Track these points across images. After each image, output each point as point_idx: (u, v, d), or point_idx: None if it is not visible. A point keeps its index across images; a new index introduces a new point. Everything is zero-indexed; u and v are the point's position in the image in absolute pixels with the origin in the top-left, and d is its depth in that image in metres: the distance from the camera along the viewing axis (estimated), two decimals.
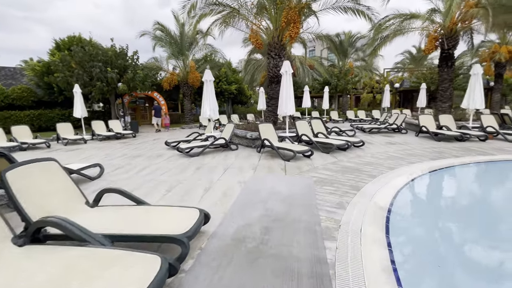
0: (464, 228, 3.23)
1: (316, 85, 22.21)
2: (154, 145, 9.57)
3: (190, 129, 16.22)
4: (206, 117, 8.32)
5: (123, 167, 5.91)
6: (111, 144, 10.19)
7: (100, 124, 12.27)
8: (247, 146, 8.30)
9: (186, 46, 17.85)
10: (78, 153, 8.20)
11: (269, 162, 5.95)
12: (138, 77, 14.06)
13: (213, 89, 8.46)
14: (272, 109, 9.27)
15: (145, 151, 8.11)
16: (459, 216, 3.55)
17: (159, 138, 11.59)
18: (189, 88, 18.70)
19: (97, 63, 12.95)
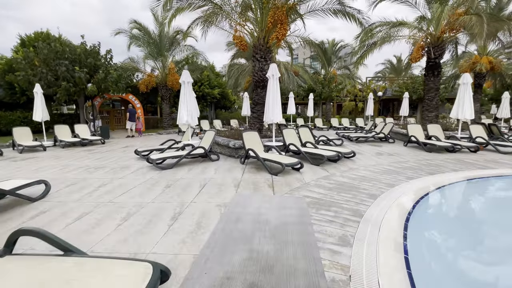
0: (495, 264, 2.65)
1: (301, 92, 21.94)
2: (123, 153, 8.50)
3: (167, 134, 15.13)
4: (183, 123, 7.45)
5: (77, 183, 4.89)
6: (74, 152, 8.97)
7: (65, 129, 10.94)
8: (229, 156, 7.52)
9: (166, 46, 16.84)
10: (31, 163, 6.99)
11: (254, 176, 5.20)
12: (111, 78, 12.86)
13: (192, 92, 7.64)
14: (257, 115, 8.58)
15: (110, 162, 7.07)
16: (491, 247, 2.99)
17: (130, 146, 10.48)
18: (168, 91, 17.62)
19: (64, 61, 11.65)
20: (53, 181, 5.05)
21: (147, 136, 14.39)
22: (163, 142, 8.80)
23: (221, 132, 9.39)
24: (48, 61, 11.65)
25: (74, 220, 3.23)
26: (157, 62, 17.11)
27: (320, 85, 20.41)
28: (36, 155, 8.21)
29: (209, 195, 4.12)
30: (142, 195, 4.16)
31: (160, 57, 16.23)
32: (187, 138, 8.31)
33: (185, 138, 8.52)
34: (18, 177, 5.41)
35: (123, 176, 5.39)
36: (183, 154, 6.35)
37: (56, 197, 4.12)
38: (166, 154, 6.48)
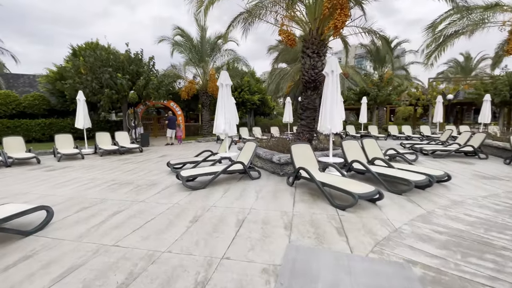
0: None
1: (352, 96, 19.67)
2: (157, 164, 7.74)
3: (206, 142, 14.44)
4: (220, 132, 6.34)
5: (92, 207, 4.00)
6: (110, 161, 8.55)
7: (105, 136, 10.83)
8: (273, 173, 6.15)
9: (207, 52, 16.42)
10: (60, 174, 6.55)
11: (311, 209, 3.73)
12: (152, 85, 12.63)
13: (231, 97, 6.51)
14: (307, 123, 7.09)
15: (140, 175, 6.25)
16: None
17: (166, 155, 9.82)
18: (208, 98, 17.13)
19: (108, 68, 11.71)
20: (69, 201, 4.27)
21: (186, 144, 13.87)
22: (198, 153, 7.84)
23: (261, 142, 8.11)
24: (94, 69, 11.83)
25: (52, 283, 2.16)
26: (198, 69, 16.78)
27: (375, 87, 17.94)
28: (71, 164, 7.91)
29: (250, 243, 2.77)
30: (159, 234, 3.00)
31: (201, 63, 15.80)
32: (224, 149, 7.19)
33: (222, 149, 7.41)
34: (35, 193, 4.79)
35: (145, 199, 4.38)
36: (218, 171, 5.17)
37: (56, 229, 3.20)
38: (199, 171, 5.37)
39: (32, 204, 3.51)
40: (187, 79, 17.11)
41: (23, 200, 4.37)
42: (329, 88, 5.14)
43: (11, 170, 7.05)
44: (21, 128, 13.54)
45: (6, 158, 7.66)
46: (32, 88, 16.74)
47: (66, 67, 12.47)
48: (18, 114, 14.04)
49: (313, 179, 4.23)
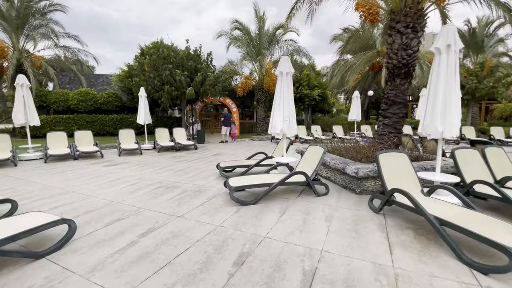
0: None
1: None
2: (208, 164, 7.10)
3: (260, 141, 13.57)
4: (277, 132, 5.20)
5: (125, 219, 3.37)
6: (164, 158, 8.36)
7: (164, 132, 10.92)
8: (344, 187, 4.74)
9: (265, 44, 15.48)
10: (113, 170, 6.44)
11: (424, 267, 2.28)
12: (209, 81, 12.34)
13: (291, 89, 5.30)
14: (393, 121, 5.37)
15: (188, 177, 5.61)
16: None
17: (220, 154, 9.23)
18: (264, 94, 16.25)
19: (168, 65, 11.84)
20: (107, 207, 3.77)
21: (239, 142, 13.26)
22: (251, 155, 6.89)
23: (325, 145, 6.70)
24: (157, 66, 12.11)
25: None
26: (254, 63, 16.01)
27: (473, 78, 14.13)
28: (128, 160, 7.93)
29: None
30: (190, 279, 2.05)
31: (258, 56, 14.94)
32: (281, 152, 6.04)
33: (278, 152, 6.27)
34: (81, 192, 4.50)
35: (186, 213, 3.57)
36: (274, 184, 4.05)
37: (74, 250, 2.57)
38: (250, 180, 4.36)
39: (65, 209, 3.02)
40: (244, 75, 16.53)
41: (64, 201, 4.07)
42: (442, 71, 3.45)
43: (76, 163, 7.34)
44: (97, 122, 15.03)
45: (74, 151, 8.12)
46: (108, 86, 18.68)
47: (133, 66, 13.18)
48: (95, 110, 15.66)
49: (422, 212, 2.71)
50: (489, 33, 18.39)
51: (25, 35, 15.40)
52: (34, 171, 6.39)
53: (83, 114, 15.01)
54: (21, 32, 15.32)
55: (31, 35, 15.13)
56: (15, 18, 14.82)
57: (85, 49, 19.74)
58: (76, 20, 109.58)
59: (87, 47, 19.47)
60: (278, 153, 6.31)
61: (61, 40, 19.79)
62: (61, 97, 15.29)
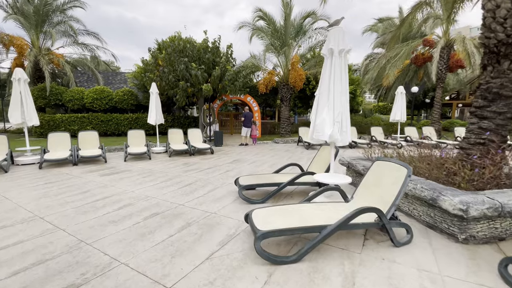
0: None
1: None
2: (224, 177, 5.64)
3: (285, 144, 11.93)
4: (323, 139, 3.58)
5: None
6: (174, 164, 7.05)
7: (178, 134, 9.69)
8: (429, 226, 3.04)
9: (291, 35, 13.79)
10: (111, 182, 5.19)
11: None
12: (228, 76, 10.95)
13: (346, 76, 3.64)
14: (496, 125, 3.54)
15: (197, 199, 4.17)
16: None
17: (239, 160, 7.76)
18: (288, 91, 14.58)
19: (184, 58, 10.61)
20: (58, 260, 2.38)
21: (261, 145, 11.74)
22: (280, 168, 5.28)
23: (396, 159, 5.00)
24: (172, 60, 10.93)
25: None
26: (279, 57, 14.38)
27: None
28: (132, 167, 6.70)
29: None
30: None
31: (284, 47, 13.25)
32: (322, 165, 4.41)
33: (318, 165, 4.63)
34: (45, 218, 3.19)
35: (181, 278, 2.10)
36: (329, 229, 2.46)
37: None
38: (287, 220, 2.77)
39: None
40: (267, 69, 14.96)
41: (14, 238, 2.77)
42: None
43: (71, 171, 6.22)
44: (112, 122, 14.25)
45: (75, 155, 7.06)
46: (125, 84, 17.99)
47: (148, 61, 12.15)
48: (110, 108, 14.91)
49: None
50: None
51: (44, 32, 15.03)
52: (19, 180, 5.31)
53: (98, 113, 14.30)
54: (41, 29, 14.98)
55: (49, 31, 14.69)
56: (34, 15, 14.46)
57: (104, 46, 19.34)
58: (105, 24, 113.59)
59: (106, 44, 19.00)
60: (318, 166, 4.69)
61: (80, 37, 19.53)
62: (76, 95, 14.71)
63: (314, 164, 4.88)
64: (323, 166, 4.55)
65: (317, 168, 4.69)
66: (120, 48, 62.00)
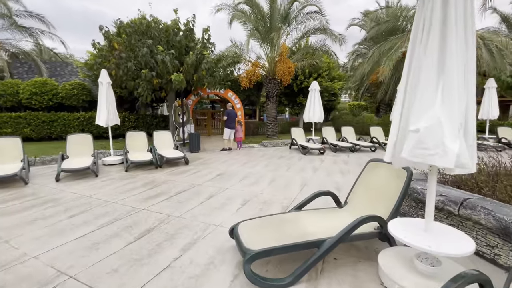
0: None
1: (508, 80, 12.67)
2: (208, 212, 3.56)
3: (275, 148, 10.05)
4: (435, 162, 1.72)
5: None
6: (132, 185, 4.81)
7: (139, 139, 7.37)
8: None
9: (277, 24, 11.88)
10: (13, 228, 2.88)
11: None
12: (206, 63, 8.78)
13: (473, 42, 1.78)
14: None
15: (156, 282, 2.08)
16: None
17: (224, 174, 5.68)
18: (275, 86, 12.72)
19: (147, 40, 8.24)
20: None
21: (248, 150, 9.74)
22: (307, 199, 3.23)
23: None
24: (133, 44, 8.47)
25: None
26: (264, 46, 12.42)
27: None
28: (62, 193, 4.35)
29: None
30: None
31: (272, 32, 11.24)
32: (380, 198, 2.57)
33: (371, 199, 2.76)
34: None
35: None
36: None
37: None
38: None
39: None
40: (250, 60, 12.93)
41: None
42: None
43: None
44: (58, 122, 11.30)
45: None
46: (76, 76, 14.86)
47: (102, 47, 9.50)
48: (56, 106, 11.90)
49: None
50: None
51: None
52: None
53: (39, 111, 11.27)
54: None
55: None
56: None
57: (51, 32, 15.99)
58: (69, 17, 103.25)
59: (55, 29, 15.71)
60: (368, 199, 2.81)
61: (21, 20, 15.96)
62: (8, 90, 11.51)
63: (361, 195, 3.01)
64: (379, 200, 2.70)
65: (368, 202, 2.84)
66: (85, 42, 55.23)
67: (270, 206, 3.78)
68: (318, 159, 7.76)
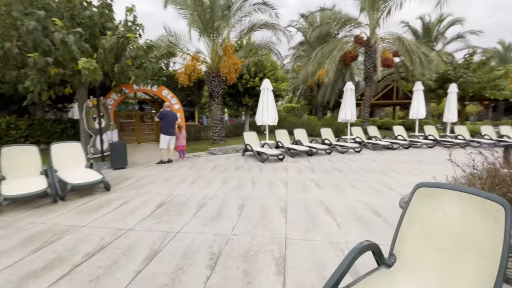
0: None
1: (429, 83, 14.24)
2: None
3: (226, 156, 8.55)
4: None
5: None
6: (4, 246, 2.62)
7: (26, 155, 4.82)
8: None
9: (219, 14, 10.39)
10: None
11: None
12: (131, 51, 6.64)
13: None
14: None
15: None
16: None
17: (166, 203, 3.92)
18: (220, 84, 11.22)
19: (37, 11, 5.61)
20: None
21: (193, 160, 7.97)
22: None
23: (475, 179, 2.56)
24: (15, 18, 5.65)
25: None
26: (206, 38, 10.74)
27: (465, 71, 12.74)
28: None
29: None
30: None
31: (217, 21, 9.61)
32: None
33: None
34: None
35: None
36: None
37: None
38: None
39: None
40: (189, 53, 11.05)
41: None
42: None
43: None
44: None
45: None
46: None
47: None
48: None
49: None
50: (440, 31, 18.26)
51: None
52: None
53: None
54: None
55: None
56: None
57: None
58: None
59: None
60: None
61: None
62: None
63: (418, 245, 1.91)
64: (457, 254, 1.66)
65: (436, 258, 1.76)
66: None
67: (257, 264, 2.36)
68: (281, 167, 6.68)
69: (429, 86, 13.91)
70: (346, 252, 2.56)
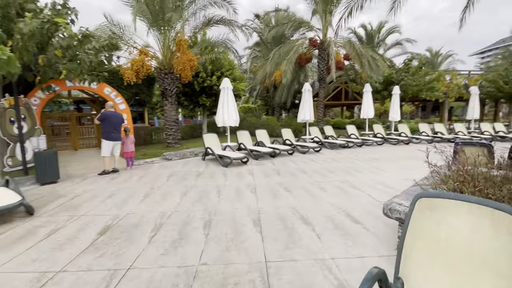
0: None
1: (376, 85, 15.33)
2: None
3: (184, 161, 7.76)
4: None
5: None
6: None
7: None
8: None
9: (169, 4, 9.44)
10: None
11: None
12: (62, 39, 5.45)
13: None
14: None
15: None
16: None
17: (114, 226, 3.16)
18: (174, 82, 10.27)
19: None
20: None
21: (145, 168, 7.00)
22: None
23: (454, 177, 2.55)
24: None
25: None
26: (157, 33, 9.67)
27: (406, 74, 14.09)
28: None
29: None
30: None
31: (168, 12, 8.61)
32: None
33: None
34: None
35: None
36: None
37: None
38: None
39: None
40: (136, 46, 9.82)
41: None
42: None
43: None
44: None
45: None
46: None
47: None
48: None
49: None
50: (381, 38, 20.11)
51: None
52: None
53: None
54: None
55: None
56: None
57: None
58: None
59: None
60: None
61: None
62: None
63: (426, 264, 1.68)
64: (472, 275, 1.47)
65: (448, 280, 1.55)
66: None
67: None
68: (246, 171, 6.27)
69: (376, 88, 15.19)
70: (334, 271, 2.27)
